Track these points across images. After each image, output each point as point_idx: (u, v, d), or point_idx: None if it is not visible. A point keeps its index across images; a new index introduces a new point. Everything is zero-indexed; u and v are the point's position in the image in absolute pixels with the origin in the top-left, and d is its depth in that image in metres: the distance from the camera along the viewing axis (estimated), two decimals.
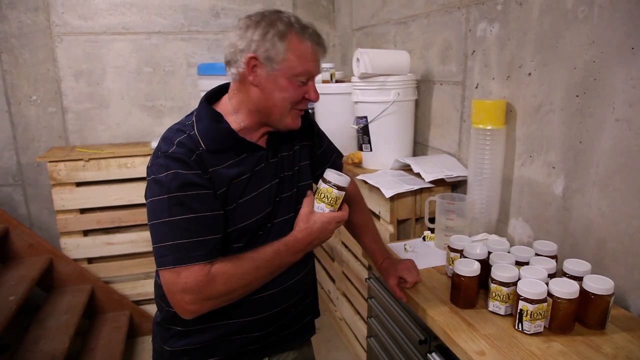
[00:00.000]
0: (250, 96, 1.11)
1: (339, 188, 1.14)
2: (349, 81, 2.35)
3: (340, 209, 1.16)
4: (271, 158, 1.17)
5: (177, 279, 1.01)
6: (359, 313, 2.36)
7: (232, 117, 1.14)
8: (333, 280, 2.73)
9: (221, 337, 1.16)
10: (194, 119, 1.13)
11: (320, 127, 1.42)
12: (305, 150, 1.29)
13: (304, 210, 1.14)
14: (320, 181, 1.16)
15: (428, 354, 1.28)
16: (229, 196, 1.09)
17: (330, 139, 1.45)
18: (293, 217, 1.16)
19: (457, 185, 1.99)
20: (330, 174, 1.15)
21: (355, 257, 2.27)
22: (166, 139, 1.08)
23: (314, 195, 1.17)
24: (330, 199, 1.14)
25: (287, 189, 1.20)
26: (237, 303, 1.12)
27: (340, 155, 1.45)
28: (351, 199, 1.44)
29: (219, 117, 1.12)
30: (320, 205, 1.15)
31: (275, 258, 1.09)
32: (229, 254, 1.09)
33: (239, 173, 1.10)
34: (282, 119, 1.12)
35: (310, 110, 1.39)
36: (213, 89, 1.20)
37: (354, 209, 1.44)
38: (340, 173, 1.16)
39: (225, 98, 1.17)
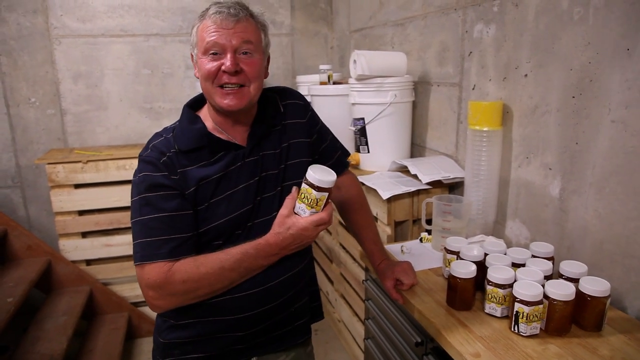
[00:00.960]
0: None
1: (319, 189, 1.03)
2: (347, 83, 2.35)
3: (324, 210, 1.07)
4: (249, 156, 1.17)
5: (142, 275, 1.08)
6: (356, 315, 2.36)
7: (209, 118, 1.19)
8: (331, 282, 2.73)
9: (208, 333, 1.17)
10: (177, 123, 1.19)
11: None
12: (302, 146, 1.27)
13: (281, 211, 1.08)
14: (303, 179, 1.07)
15: (424, 356, 1.29)
16: (199, 196, 1.11)
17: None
18: (275, 217, 1.15)
19: (454, 187, 1.99)
20: (310, 172, 1.04)
21: (353, 258, 2.27)
22: (147, 143, 1.17)
23: (297, 193, 1.09)
24: (310, 200, 1.05)
25: (270, 189, 1.19)
26: (221, 301, 1.14)
27: (346, 153, 1.45)
28: (353, 198, 1.44)
29: (195, 119, 1.17)
30: (301, 205, 1.06)
31: (243, 260, 1.08)
32: (208, 251, 1.11)
33: (209, 173, 1.12)
34: (214, 100, 1.12)
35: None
36: (199, 94, 1.24)
37: (355, 208, 1.44)
38: (328, 171, 1.07)
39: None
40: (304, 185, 1.06)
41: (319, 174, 1.04)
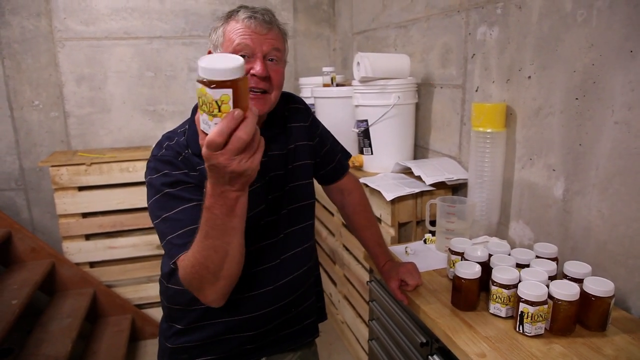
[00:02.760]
0: None
1: (216, 84, 0.70)
2: (350, 85, 2.36)
3: (224, 119, 0.73)
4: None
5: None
6: (360, 316, 2.36)
7: None
8: (335, 284, 2.74)
9: (218, 335, 1.18)
10: (186, 126, 1.17)
11: None
12: (306, 149, 1.29)
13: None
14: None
15: (429, 356, 1.29)
16: None
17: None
18: (284, 214, 1.19)
19: (458, 188, 1.99)
20: (200, 63, 0.71)
21: (357, 260, 2.28)
22: (158, 144, 1.14)
23: None
24: (208, 105, 0.72)
25: (277, 189, 1.20)
26: (230, 302, 1.12)
27: (347, 155, 1.46)
28: (355, 200, 1.45)
29: None
30: (203, 117, 0.74)
31: (206, 221, 0.91)
32: None
33: None
34: None
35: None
36: None
37: (357, 210, 1.45)
38: (227, 57, 0.74)
39: None
40: (197, 87, 0.73)
41: (210, 62, 0.71)
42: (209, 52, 1.17)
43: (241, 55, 1.07)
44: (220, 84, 0.69)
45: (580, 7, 1.36)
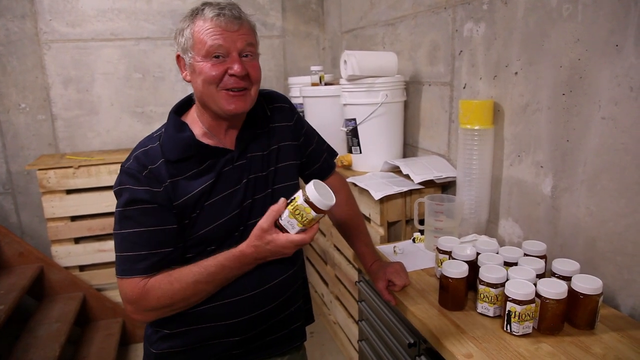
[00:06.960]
0: (195, 93, 1.13)
1: (319, 210, 1.00)
2: (339, 84, 2.34)
3: (309, 230, 1.04)
4: (238, 160, 1.15)
5: (121, 288, 1.08)
6: (352, 316, 2.35)
7: (198, 124, 1.15)
8: (326, 284, 2.72)
9: (203, 340, 1.16)
10: (163, 129, 1.15)
11: None
12: (291, 149, 1.26)
13: (262, 224, 1.03)
14: (300, 193, 1.02)
15: (417, 357, 1.27)
16: (189, 205, 1.09)
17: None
18: None
19: (447, 187, 1.98)
20: (314, 191, 0.99)
21: (347, 260, 2.26)
22: (131, 152, 1.13)
23: (287, 205, 1.03)
24: (305, 218, 1.01)
25: (260, 190, 1.17)
26: (214, 307, 1.12)
27: (333, 154, 1.44)
28: (342, 200, 1.42)
29: (182, 127, 1.14)
30: (292, 221, 1.02)
31: (217, 273, 1.07)
32: (204, 256, 1.09)
33: (200, 182, 1.10)
34: (217, 104, 1.09)
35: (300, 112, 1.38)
36: (183, 98, 1.22)
37: (344, 210, 1.43)
38: (328, 191, 1.04)
39: (194, 106, 1.18)
40: (302, 203, 1.00)
41: (323, 196, 1.00)
42: (178, 56, 1.14)
43: (215, 56, 1.06)
44: (321, 211, 1.00)
45: (565, 1, 1.35)
